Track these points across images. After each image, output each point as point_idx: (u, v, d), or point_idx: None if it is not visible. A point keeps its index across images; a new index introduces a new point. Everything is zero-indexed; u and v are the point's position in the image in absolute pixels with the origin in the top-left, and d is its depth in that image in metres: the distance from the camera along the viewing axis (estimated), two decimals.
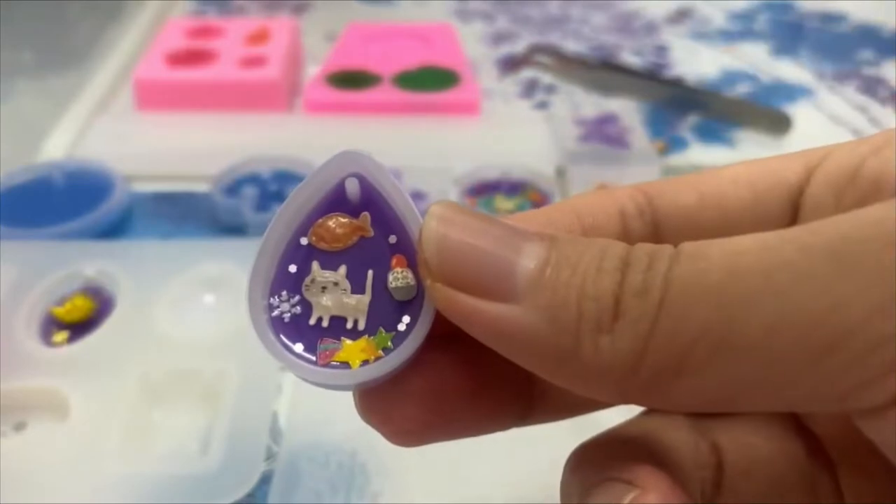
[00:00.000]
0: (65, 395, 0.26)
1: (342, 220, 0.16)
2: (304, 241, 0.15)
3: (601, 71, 0.48)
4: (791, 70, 0.49)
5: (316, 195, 0.16)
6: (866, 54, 0.51)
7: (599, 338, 0.12)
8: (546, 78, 0.48)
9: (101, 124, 0.43)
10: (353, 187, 0.16)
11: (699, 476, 0.16)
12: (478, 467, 0.25)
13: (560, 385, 0.14)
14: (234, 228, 0.35)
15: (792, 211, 0.16)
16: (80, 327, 0.29)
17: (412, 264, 0.15)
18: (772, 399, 0.12)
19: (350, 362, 0.15)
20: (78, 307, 0.30)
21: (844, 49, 0.52)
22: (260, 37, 0.47)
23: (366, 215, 0.15)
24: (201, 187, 0.37)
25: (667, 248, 0.13)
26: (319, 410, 0.27)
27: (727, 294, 0.12)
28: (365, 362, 0.14)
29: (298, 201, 0.16)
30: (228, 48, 0.46)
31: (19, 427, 0.27)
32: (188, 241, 0.34)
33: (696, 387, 0.12)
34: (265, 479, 0.25)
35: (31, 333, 0.29)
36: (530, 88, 0.47)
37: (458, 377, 0.15)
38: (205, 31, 0.48)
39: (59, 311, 0.30)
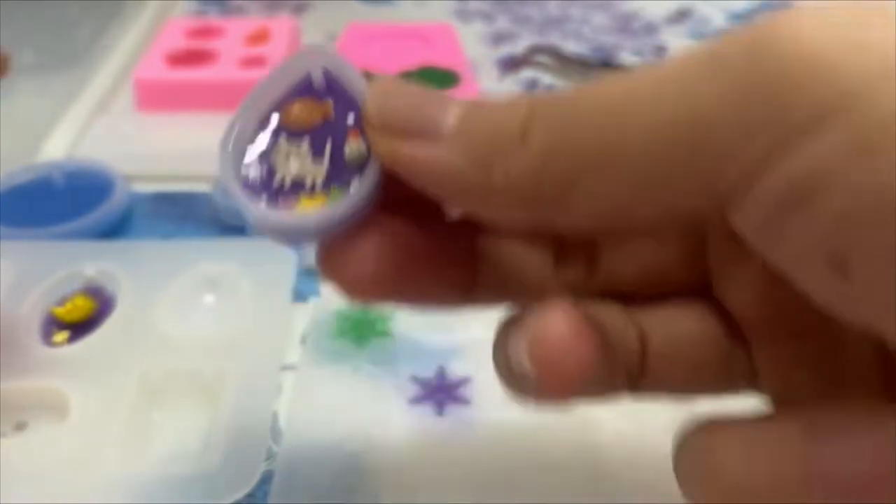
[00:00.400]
0: (65, 395, 0.27)
1: (309, 103, 0.18)
2: (274, 118, 0.18)
3: (601, 71, 0.48)
4: None
5: (286, 82, 0.18)
6: None
7: (507, 164, 0.15)
8: (546, 78, 0.48)
9: (102, 124, 0.43)
10: (318, 76, 0.18)
11: (626, 359, 0.17)
12: (476, 468, 0.25)
13: (486, 217, 0.16)
14: (234, 228, 0.35)
15: None
16: (80, 327, 0.30)
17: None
18: (655, 204, 0.14)
19: (308, 213, 0.17)
20: (78, 307, 0.30)
21: None
22: (260, 37, 0.47)
23: (329, 101, 0.18)
24: (201, 187, 0.37)
25: (565, 89, 0.15)
26: (319, 411, 0.27)
27: (612, 107, 0.14)
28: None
29: (271, 86, 0.18)
30: (228, 48, 0.46)
31: (19, 427, 0.27)
32: (188, 241, 0.34)
33: (590, 196, 0.14)
34: (265, 479, 0.25)
35: (32, 333, 0.29)
36: (530, 88, 0.47)
37: (408, 234, 0.17)
38: (205, 32, 0.48)
39: (60, 311, 0.30)
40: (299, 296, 0.32)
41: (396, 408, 0.27)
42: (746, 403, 0.17)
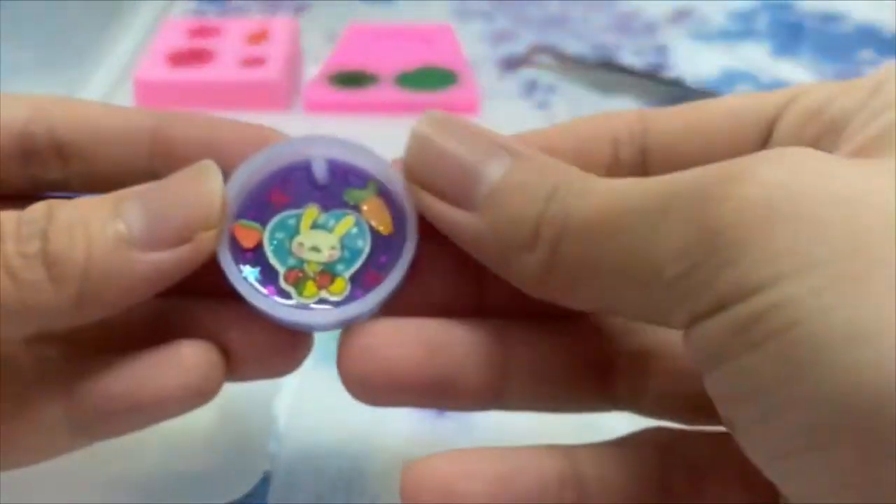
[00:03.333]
0: None
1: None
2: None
3: (601, 71, 0.48)
4: (791, 70, 0.50)
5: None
6: (866, 54, 0.51)
7: (524, 254, 0.16)
8: (546, 78, 0.48)
9: None
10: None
11: (475, 379, 0.19)
12: None
13: (505, 279, 0.17)
14: None
15: (764, 142, 0.18)
16: None
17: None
18: (630, 311, 0.16)
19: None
20: None
21: (844, 49, 0.52)
22: (260, 36, 0.47)
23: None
24: None
25: (577, 183, 0.16)
26: (318, 414, 0.27)
27: (597, 231, 0.15)
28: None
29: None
30: (229, 48, 0.46)
31: None
32: None
33: (586, 296, 0.16)
34: (265, 480, 0.25)
35: None
36: (530, 88, 0.47)
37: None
38: (205, 31, 0.48)
39: None
40: None
41: (396, 409, 0.27)
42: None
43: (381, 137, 0.41)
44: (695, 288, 0.14)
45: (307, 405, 0.27)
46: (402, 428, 0.26)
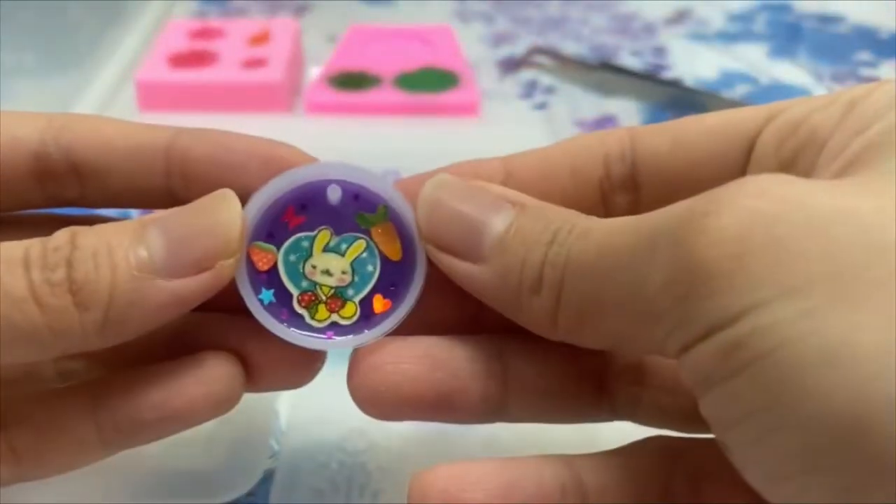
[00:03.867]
0: None
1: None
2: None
3: (600, 72, 0.48)
4: (789, 71, 0.50)
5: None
6: (864, 55, 0.51)
7: (532, 297, 0.17)
8: (546, 79, 0.49)
9: None
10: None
11: (473, 393, 0.19)
12: None
13: (520, 324, 0.18)
14: None
15: (747, 156, 0.18)
16: None
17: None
18: (635, 346, 0.17)
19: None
20: None
21: (842, 50, 0.52)
22: (261, 38, 0.47)
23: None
24: None
25: (578, 226, 0.17)
26: (320, 410, 0.27)
27: (595, 269, 0.16)
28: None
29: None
30: (230, 49, 0.46)
31: None
32: None
33: (594, 334, 0.17)
34: (266, 478, 0.25)
35: None
36: (530, 89, 0.48)
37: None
38: (206, 33, 0.48)
39: None
40: None
41: None
42: None
43: (381, 138, 0.42)
44: (682, 319, 0.14)
45: (308, 403, 0.27)
46: (402, 425, 0.26)
